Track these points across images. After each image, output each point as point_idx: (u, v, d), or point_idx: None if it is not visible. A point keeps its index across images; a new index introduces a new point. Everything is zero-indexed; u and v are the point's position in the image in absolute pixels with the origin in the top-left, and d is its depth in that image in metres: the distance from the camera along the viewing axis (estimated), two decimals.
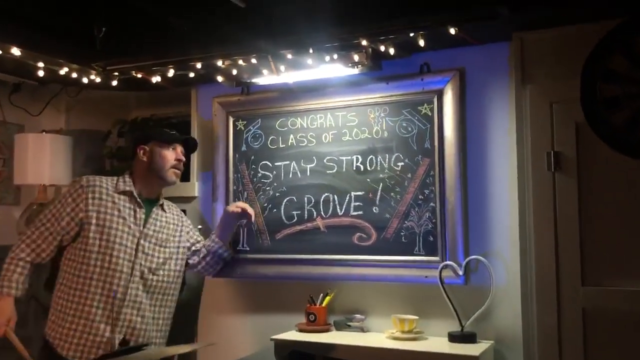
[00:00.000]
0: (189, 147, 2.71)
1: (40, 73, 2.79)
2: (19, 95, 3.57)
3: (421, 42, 2.42)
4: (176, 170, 2.58)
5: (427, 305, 2.66)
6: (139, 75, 2.95)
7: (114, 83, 3.02)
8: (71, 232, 2.46)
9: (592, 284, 2.38)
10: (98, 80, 2.99)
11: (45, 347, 2.45)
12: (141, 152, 2.58)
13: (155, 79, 2.95)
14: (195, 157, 3.25)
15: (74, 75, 2.93)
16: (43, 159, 3.35)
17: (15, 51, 2.62)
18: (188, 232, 2.73)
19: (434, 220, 2.64)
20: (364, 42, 2.43)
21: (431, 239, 2.64)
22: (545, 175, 2.47)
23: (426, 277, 2.63)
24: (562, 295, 2.41)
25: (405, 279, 2.68)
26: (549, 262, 2.44)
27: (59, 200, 2.51)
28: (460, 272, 2.57)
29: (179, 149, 2.61)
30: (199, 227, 3.14)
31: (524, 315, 2.48)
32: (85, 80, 2.97)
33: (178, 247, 2.64)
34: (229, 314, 3.11)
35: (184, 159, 2.62)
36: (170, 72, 2.88)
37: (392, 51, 2.50)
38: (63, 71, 2.85)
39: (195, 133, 3.27)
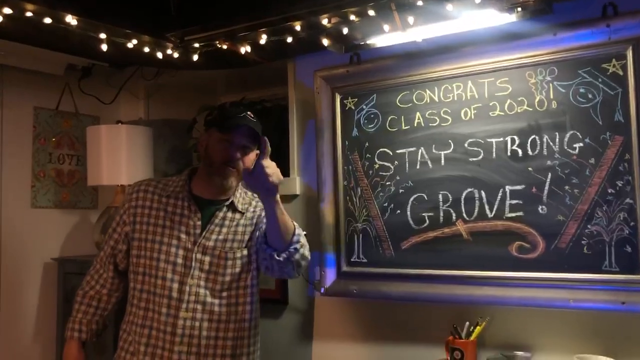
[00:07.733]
0: (255, 135, 1.90)
1: (104, 47, 2.27)
2: (90, 82, 3.20)
3: None
4: (229, 169, 1.88)
5: (624, 341, 2.00)
6: (224, 47, 2.40)
7: (195, 58, 2.49)
8: (123, 251, 2.00)
9: None
10: (176, 55, 2.50)
11: None
12: (201, 142, 1.98)
13: (245, 49, 2.40)
14: (295, 147, 2.68)
15: (146, 49, 2.43)
16: (119, 155, 2.93)
17: (71, 20, 2.14)
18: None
19: (632, 224, 1.95)
20: None
21: (629, 249, 1.96)
22: None
23: (623, 303, 1.95)
24: None
25: (590, 305, 2.02)
26: None
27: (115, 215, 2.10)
28: None
29: (238, 142, 1.87)
30: (304, 233, 2.55)
31: None
32: (160, 55, 2.46)
33: (252, 255, 1.96)
34: (344, 341, 2.55)
35: (237, 156, 1.87)
36: (263, 39, 2.29)
37: None
38: (131, 44, 2.35)
39: (293, 116, 2.75)
